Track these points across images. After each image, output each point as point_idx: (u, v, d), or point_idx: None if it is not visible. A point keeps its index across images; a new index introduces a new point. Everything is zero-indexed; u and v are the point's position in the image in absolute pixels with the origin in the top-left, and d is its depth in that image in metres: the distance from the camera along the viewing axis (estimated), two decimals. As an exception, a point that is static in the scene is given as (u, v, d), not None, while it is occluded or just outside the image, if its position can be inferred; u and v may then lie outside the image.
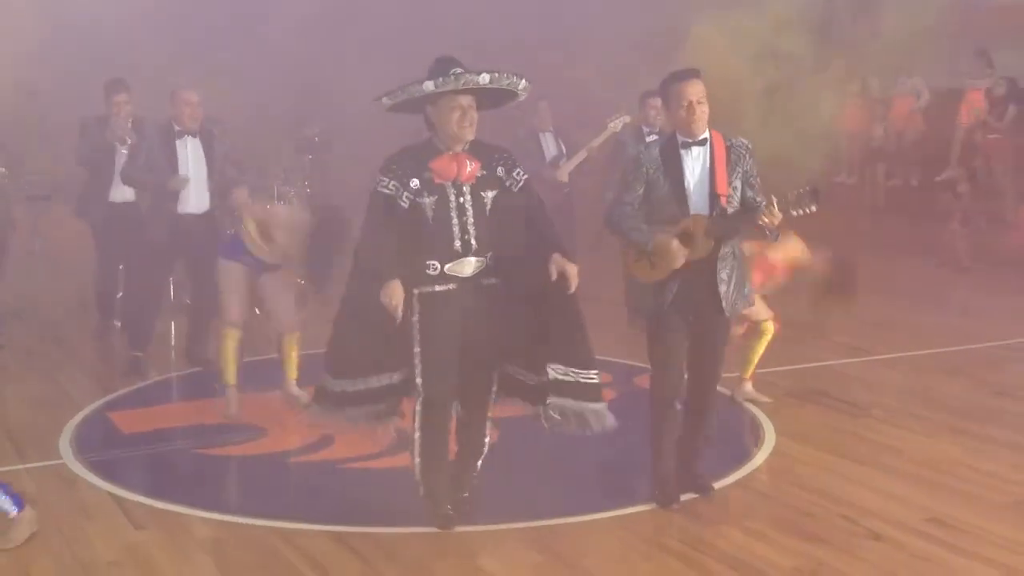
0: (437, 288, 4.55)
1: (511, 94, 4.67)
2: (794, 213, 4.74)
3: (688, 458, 5.05)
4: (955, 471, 5.37)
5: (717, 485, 5.09)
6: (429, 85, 4.44)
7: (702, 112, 4.78)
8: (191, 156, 7.05)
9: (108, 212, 7.81)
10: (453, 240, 4.53)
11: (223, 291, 6.23)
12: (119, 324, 8.18)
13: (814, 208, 4.71)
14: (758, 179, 4.90)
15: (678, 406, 4.98)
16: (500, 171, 4.64)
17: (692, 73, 4.84)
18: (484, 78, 4.47)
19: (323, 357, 4.78)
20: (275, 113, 12.33)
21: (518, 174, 4.67)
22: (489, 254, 4.60)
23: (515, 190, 4.65)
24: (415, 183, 4.52)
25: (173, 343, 7.91)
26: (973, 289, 10.17)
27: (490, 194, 4.59)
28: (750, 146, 4.92)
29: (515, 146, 6.06)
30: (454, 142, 4.55)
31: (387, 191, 4.54)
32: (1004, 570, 4.30)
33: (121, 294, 8.27)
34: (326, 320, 4.87)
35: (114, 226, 7.78)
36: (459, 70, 4.47)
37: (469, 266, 4.57)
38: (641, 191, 4.86)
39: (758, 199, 4.85)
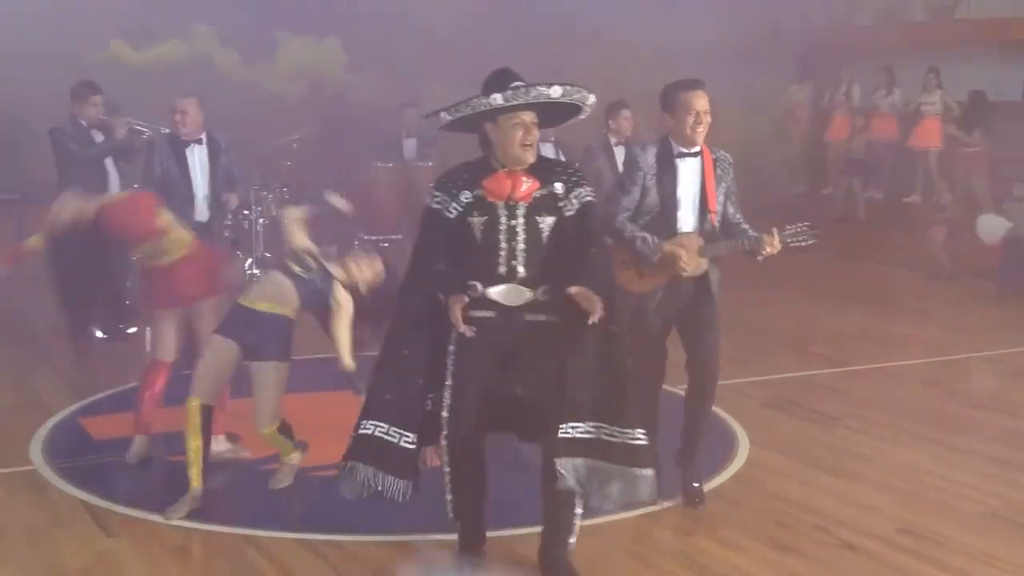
0: (474, 313, 4.11)
1: (574, 110, 4.24)
2: (792, 245, 4.84)
3: (687, 459, 5.07)
4: (927, 481, 5.39)
5: (690, 495, 5.09)
6: (497, 98, 4.01)
7: (707, 123, 4.80)
8: (198, 164, 7.07)
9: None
10: (498, 265, 4.12)
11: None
12: (101, 334, 8.17)
13: (812, 242, 4.86)
14: (737, 195, 4.94)
15: None
16: (559, 189, 4.18)
17: (699, 83, 4.83)
18: (556, 91, 4.05)
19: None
20: (264, 115, 12.36)
21: (578, 196, 4.17)
22: (542, 287, 4.15)
23: (567, 214, 4.16)
24: (466, 196, 4.14)
25: (148, 349, 7.86)
26: (952, 301, 10.24)
27: (548, 219, 4.14)
28: (731, 160, 4.95)
29: None
30: (514, 163, 4.13)
31: (435, 205, 4.17)
32: (974, 581, 4.34)
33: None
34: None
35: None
36: (521, 84, 4.06)
37: (511, 295, 4.15)
38: (638, 196, 4.86)
39: (738, 216, 4.89)
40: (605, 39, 13.65)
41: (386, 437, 4.19)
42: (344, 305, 4.97)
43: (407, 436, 4.19)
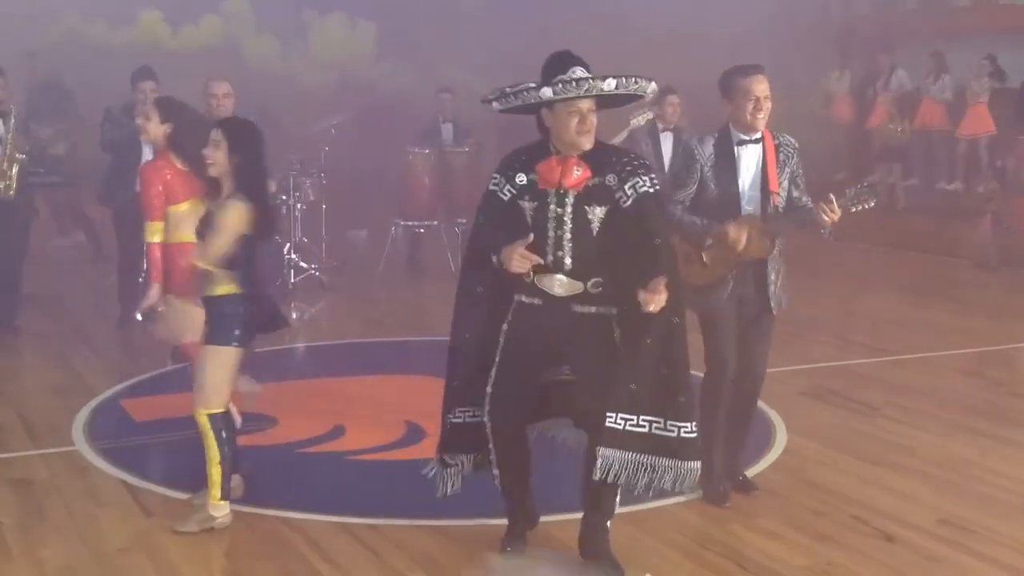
0: (524, 299, 4.12)
1: (632, 95, 4.12)
2: (853, 209, 4.73)
3: (733, 456, 5.05)
4: (968, 472, 5.33)
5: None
6: (547, 92, 3.92)
7: (767, 109, 4.74)
8: None
9: (134, 200, 7.85)
10: (545, 254, 4.04)
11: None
12: (140, 317, 8.22)
13: (872, 204, 4.72)
14: (803, 179, 4.89)
15: None
16: (612, 180, 4.04)
17: (759, 68, 4.78)
18: (610, 84, 3.94)
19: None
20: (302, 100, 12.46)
21: (634, 187, 4.01)
22: (592, 280, 4.06)
23: (624, 205, 4.01)
24: (521, 179, 4.09)
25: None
26: (995, 290, 10.11)
27: (599, 209, 4.03)
28: (797, 145, 4.90)
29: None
30: (570, 149, 4.04)
31: (492, 187, 4.15)
32: (1015, 573, 4.27)
33: None
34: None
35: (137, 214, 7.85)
36: (579, 72, 3.95)
37: (558, 286, 4.08)
38: (693, 188, 4.81)
39: (804, 199, 4.85)
40: (641, 25, 13.58)
41: (467, 420, 4.28)
42: (224, 217, 4.54)
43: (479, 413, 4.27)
